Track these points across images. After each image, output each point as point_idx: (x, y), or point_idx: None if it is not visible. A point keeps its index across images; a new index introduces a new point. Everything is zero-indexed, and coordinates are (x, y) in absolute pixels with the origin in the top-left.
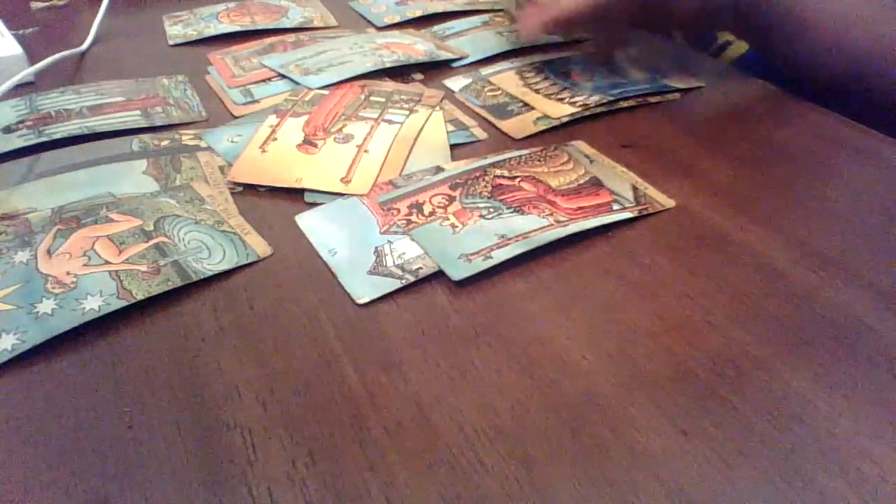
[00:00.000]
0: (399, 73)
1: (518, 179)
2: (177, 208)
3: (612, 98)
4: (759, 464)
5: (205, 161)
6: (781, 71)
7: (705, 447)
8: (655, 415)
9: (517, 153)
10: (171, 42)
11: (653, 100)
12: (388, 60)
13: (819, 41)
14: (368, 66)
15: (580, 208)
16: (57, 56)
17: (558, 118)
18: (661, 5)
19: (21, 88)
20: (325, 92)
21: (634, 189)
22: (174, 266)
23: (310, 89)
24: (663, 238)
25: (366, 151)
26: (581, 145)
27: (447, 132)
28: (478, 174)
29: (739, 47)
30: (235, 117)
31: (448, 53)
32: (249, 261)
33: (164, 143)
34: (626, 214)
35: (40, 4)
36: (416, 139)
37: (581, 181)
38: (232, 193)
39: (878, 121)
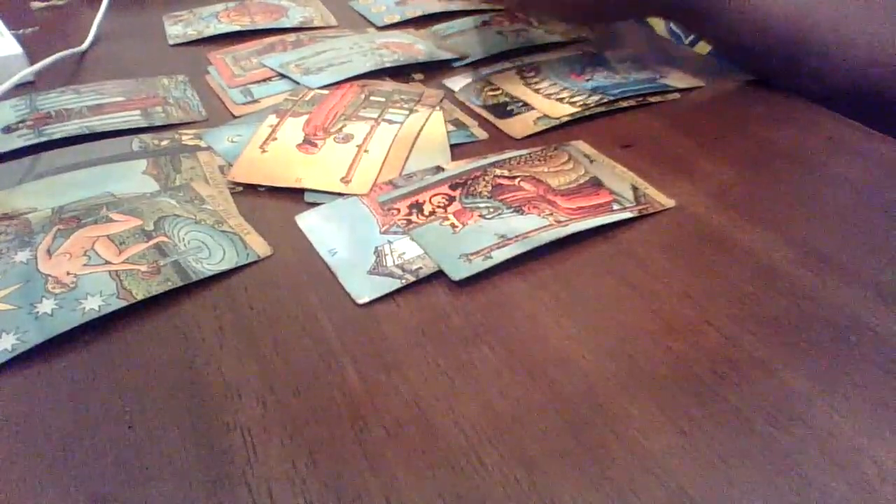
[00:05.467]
0: (399, 73)
1: (518, 179)
2: (177, 208)
3: (612, 98)
4: (759, 464)
5: (205, 161)
6: (726, 57)
7: (705, 447)
8: (655, 415)
9: (517, 153)
10: (171, 42)
11: (653, 100)
12: (388, 60)
13: (758, 24)
14: (368, 66)
15: (580, 208)
16: (57, 56)
17: (558, 118)
18: None
19: (21, 88)
20: (325, 92)
21: (634, 189)
22: (174, 266)
23: (310, 89)
24: (663, 238)
25: (366, 151)
26: (581, 145)
27: (447, 132)
28: (478, 174)
29: None
30: (235, 117)
31: (448, 53)
32: (249, 261)
33: (164, 143)
34: (626, 214)
35: (40, 4)
36: (415, 139)
37: (581, 181)
38: (232, 193)
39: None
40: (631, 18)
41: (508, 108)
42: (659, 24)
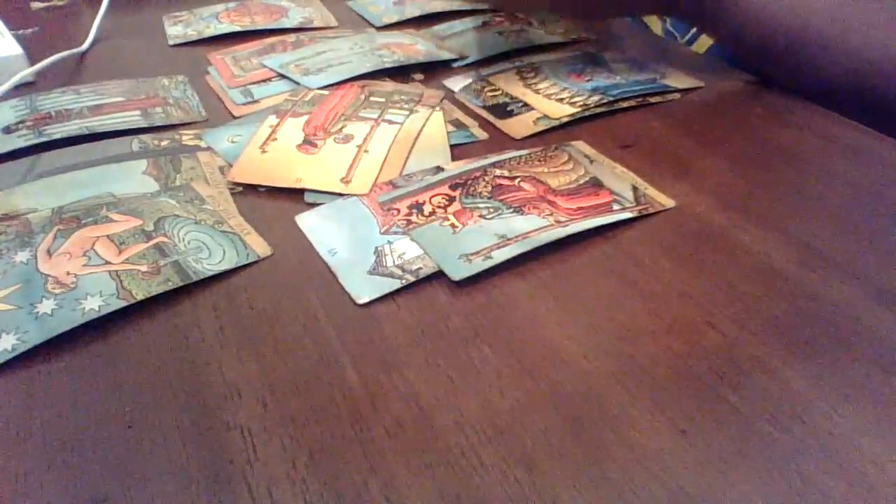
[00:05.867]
0: (399, 73)
1: (518, 179)
2: (177, 208)
3: (612, 98)
4: (759, 464)
5: (205, 161)
6: (727, 50)
7: (705, 447)
8: (655, 415)
9: (517, 153)
10: (171, 42)
11: (653, 100)
12: (388, 61)
13: (757, 16)
14: (368, 66)
15: (580, 208)
16: (57, 56)
17: (558, 118)
18: None
19: (21, 88)
20: (325, 92)
21: (634, 189)
22: (174, 266)
23: (310, 89)
24: (663, 238)
25: (366, 151)
26: (581, 145)
27: (447, 132)
28: (478, 174)
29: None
30: (235, 117)
31: (448, 53)
32: (249, 261)
33: (164, 143)
34: (626, 214)
35: (40, 4)
36: (416, 139)
37: (581, 181)
38: (232, 193)
39: (807, 94)
40: (625, 16)
41: (508, 108)
42: (656, 25)
